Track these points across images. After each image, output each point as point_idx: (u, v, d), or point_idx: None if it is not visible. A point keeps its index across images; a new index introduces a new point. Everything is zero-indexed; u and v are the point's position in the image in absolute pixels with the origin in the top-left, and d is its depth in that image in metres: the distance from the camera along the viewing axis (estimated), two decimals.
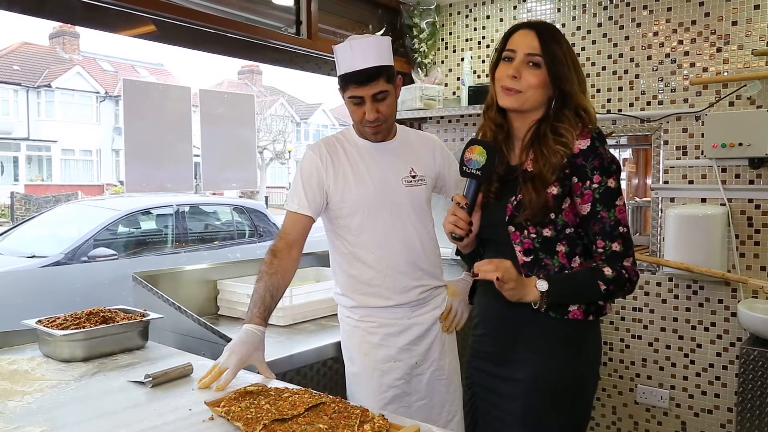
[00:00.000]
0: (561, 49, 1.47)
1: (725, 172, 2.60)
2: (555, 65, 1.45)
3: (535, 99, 1.47)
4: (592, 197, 1.43)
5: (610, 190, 1.43)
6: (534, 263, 1.47)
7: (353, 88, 1.74)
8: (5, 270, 4.72)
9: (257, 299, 1.66)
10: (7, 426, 1.29)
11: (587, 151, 1.43)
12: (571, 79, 1.47)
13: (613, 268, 1.42)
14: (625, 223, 1.44)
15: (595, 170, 1.43)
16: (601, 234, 1.43)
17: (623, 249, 1.43)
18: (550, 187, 1.44)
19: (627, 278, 1.43)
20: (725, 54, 2.59)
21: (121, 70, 23.10)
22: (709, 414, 2.70)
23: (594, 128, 1.47)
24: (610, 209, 1.43)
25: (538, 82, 1.46)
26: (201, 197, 6.51)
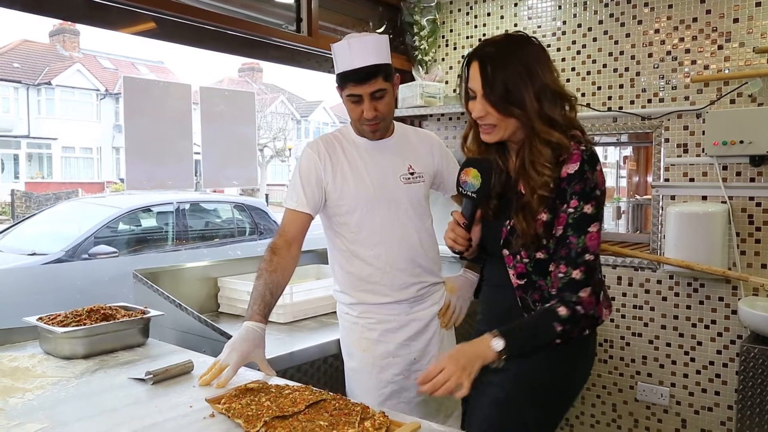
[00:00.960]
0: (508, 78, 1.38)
1: (726, 170, 2.60)
2: (502, 105, 1.39)
3: (511, 128, 1.43)
4: (566, 221, 1.40)
5: (584, 216, 1.39)
6: (528, 285, 1.47)
7: (351, 86, 1.74)
8: (6, 267, 4.72)
9: (257, 296, 1.67)
10: (9, 423, 1.29)
11: (573, 176, 1.39)
12: (528, 105, 1.39)
13: (567, 306, 1.37)
14: (593, 251, 1.39)
15: (575, 195, 1.39)
16: (565, 259, 1.40)
17: (583, 278, 1.38)
18: (540, 214, 1.42)
19: (582, 314, 1.38)
20: (726, 51, 2.58)
21: (122, 68, 23.10)
22: (710, 411, 2.70)
23: (586, 150, 1.41)
24: (580, 235, 1.39)
25: (502, 118, 1.41)
26: (201, 195, 6.50)
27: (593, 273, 1.40)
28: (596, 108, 2.88)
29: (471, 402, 1.59)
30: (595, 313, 1.44)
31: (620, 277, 2.89)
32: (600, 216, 1.41)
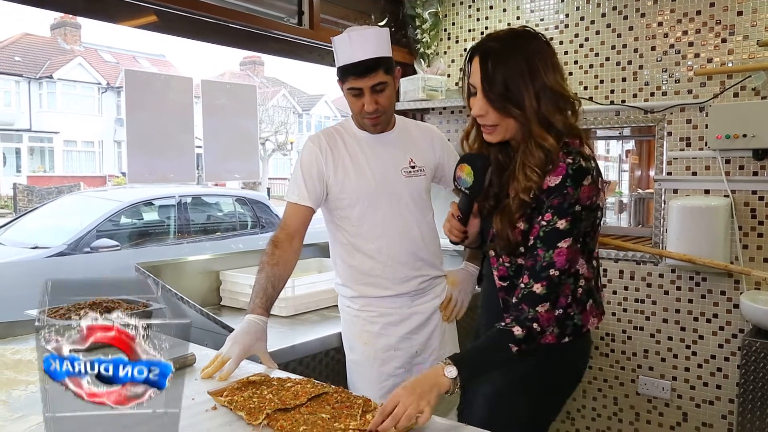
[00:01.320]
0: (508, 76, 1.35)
1: (729, 164, 2.59)
2: (501, 104, 1.36)
3: (512, 128, 1.40)
4: (537, 233, 1.36)
5: (556, 231, 1.34)
6: (510, 288, 1.46)
7: (352, 79, 1.73)
8: (9, 261, 4.73)
9: (259, 290, 1.67)
10: (12, 415, 1.30)
11: (553, 189, 1.35)
12: (527, 106, 1.35)
13: (522, 325, 1.33)
14: (560, 267, 1.34)
15: (550, 209, 1.34)
16: (529, 270, 1.36)
17: (544, 293, 1.34)
18: (518, 222, 1.39)
19: (538, 332, 1.34)
20: (730, 44, 2.57)
21: (123, 61, 23.09)
22: (711, 405, 2.71)
23: (573, 163, 1.34)
24: (548, 250, 1.34)
25: (502, 117, 1.38)
26: (203, 188, 6.52)
27: (556, 289, 1.36)
28: (599, 101, 2.87)
29: (463, 397, 1.59)
30: (580, 321, 1.43)
31: (622, 270, 2.88)
32: (574, 232, 1.35)
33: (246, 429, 1.22)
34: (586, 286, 1.44)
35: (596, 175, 1.38)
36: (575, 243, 1.36)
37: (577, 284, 1.43)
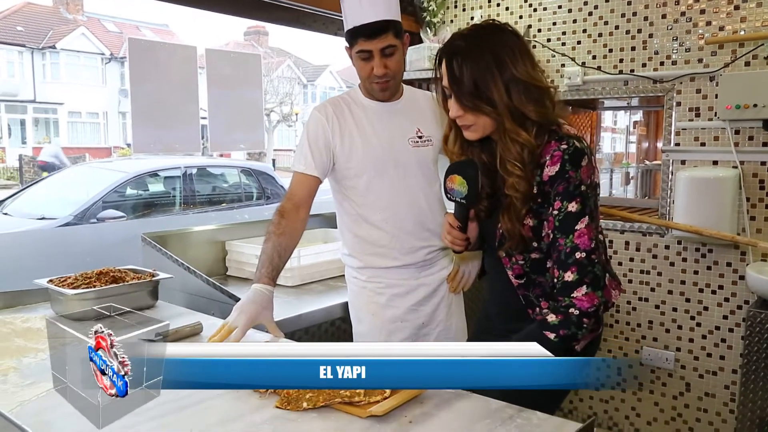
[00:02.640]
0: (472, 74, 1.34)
1: (738, 134, 2.57)
2: (470, 103, 1.36)
3: (489, 125, 1.39)
4: (553, 224, 1.36)
5: (570, 215, 1.34)
6: (528, 284, 1.45)
7: (362, 41, 1.71)
8: (16, 231, 4.76)
9: (265, 259, 1.67)
10: (23, 381, 1.32)
11: (555, 177, 1.34)
12: (497, 108, 1.34)
13: (556, 312, 1.33)
14: (584, 248, 1.33)
15: (558, 196, 1.34)
16: (557, 263, 1.36)
17: (576, 278, 1.33)
18: (526, 219, 1.39)
19: (577, 315, 1.32)
20: (743, 12, 2.52)
21: (126, 31, 22.90)
22: (714, 375, 2.72)
23: (568, 147, 1.34)
24: (567, 235, 1.34)
25: (475, 117, 1.38)
26: (208, 159, 6.51)
27: (587, 271, 1.34)
28: (607, 71, 2.83)
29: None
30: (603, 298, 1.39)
31: (628, 242, 2.88)
32: (587, 210, 1.35)
33: (252, 396, 1.23)
34: (604, 259, 1.43)
35: (590, 154, 1.38)
36: (591, 221, 1.35)
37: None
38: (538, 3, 3.01)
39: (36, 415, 1.17)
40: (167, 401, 1.17)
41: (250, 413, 1.17)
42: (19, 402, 1.22)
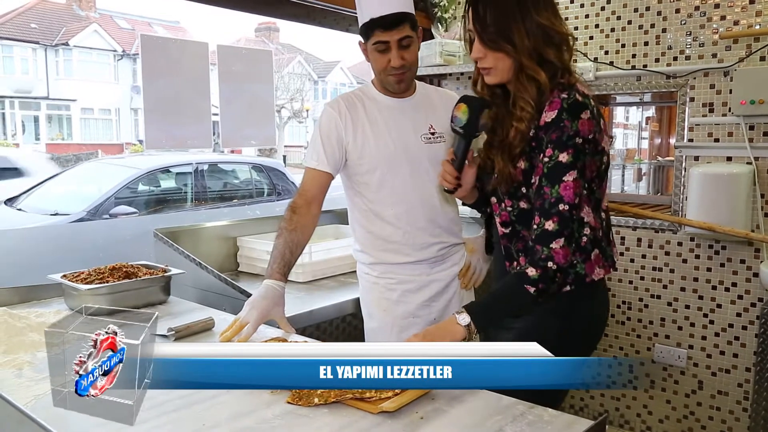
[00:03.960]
0: (498, 13, 1.38)
1: (753, 130, 2.54)
2: (493, 40, 1.38)
3: (508, 69, 1.41)
4: (541, 171, 1.36)
5: (559, 165, 1.33)
6: (512, 234, 1.46)
7: (379, 33, 1.71)
8: (30, 227, 4.81)
9: (277, 255, 1.68)
10: (37, 375, 1.33)
11: (550, 124, 1.35)
12: (519, 41, 1.37)
13: (536, 265, 1.33)
14: (568, 201, 1.33)
15: (550, 143, 1.34)
16: (539, 210, 1.36)
17: (557, 228, 1.33)
18: (519, 161, 1.40)
19: (554, 270, 1.32)
20: (758, 6, 2.49)
21: (138, 28, 23.03)
22: (727, 374, 2.70)
23: (568, 97, 1.35)
24: (554, 185, 1.33)
25: (495, 58, 1.40)
26: (219, 156, 6.54)
27: (569, 224, 1.34)
28: (619, 66, 2.81)
29: None
30: (582, 270, 1.40)
31: (640, 238, 2.86)
32: (578, 165, 1.34)
33: (263, 392, 1.24)
34: (592, 235, 1.41)
35: (597, 114, 1.38)
36: (581, 177, 1.35)
37: (581, 232, 1.40)
38: None
39: (51, 409, 1.17)
40: (178, 397, 1.18)
41: (262, 408, 1.18)
42: (35, 396, 1.23)
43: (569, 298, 1.44)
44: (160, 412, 1.12)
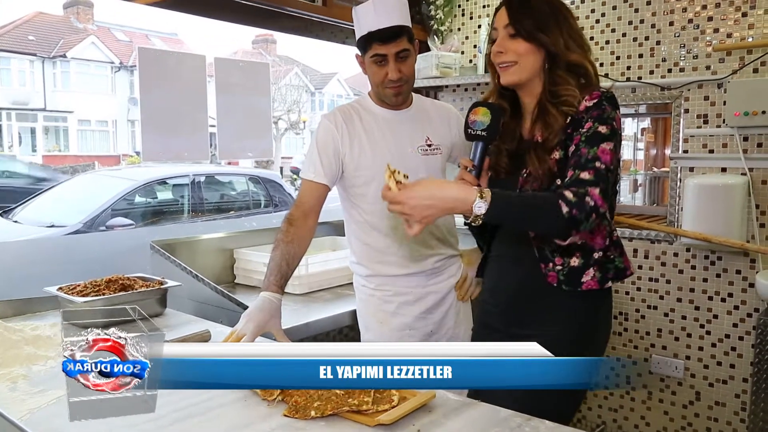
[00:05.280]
0: (534, 11, 1.41)
1: (747, 141, 2.55)
2: (529, 30, 1.40)
3: (531, 66, 1.42)
4: (578, 140, 1.34)
5: (598, 133, 1.33)
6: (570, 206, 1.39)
7: (377, 45, 1.73)
8: (26, 239, 4.79)
9: (274, 267, 1.68)
10: (32, 389, 1.33)
11: (591, 107, 1.36)
12: (554, 38, 1.40)
13: (574, 192, 1.26)
14: (605, 162, 1.30)
15: (591, 119, 1.35)
16: (575, 165, 1.32)
17: (593, 179, 1.28)
18: (553, 152, 1.38)
19: (591, 206, 1.25)
20: (751, 19, 2.52)
21: (135, 40, 23.09)
22: (724, 384, 2.70)
23: (606, 91, 1.39)
24: (591, 147, 1.32)
25: (525, 49, 1.40)
26: (216, 167, 6.55)
27: (605, 179, 1.29)
28: (614, 78, 2.83)
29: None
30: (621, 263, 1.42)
31: (636, 249, 2.87)
32: (615, 140, 1.34)
33: (261, 405, 1.24)
34: (616, 231, 1.44)
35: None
36: (616, 152, 1.35)
37: (611, 226, 1.42)
38: None
39: (46, 423, 1.17)
40: (174, 410, 1.18)
41: (258, 421, 1.17)
42: (29, 410, 1.23)
43: (610, 293, 1.46)
44: (156, 426, 1.12)
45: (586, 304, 1.44)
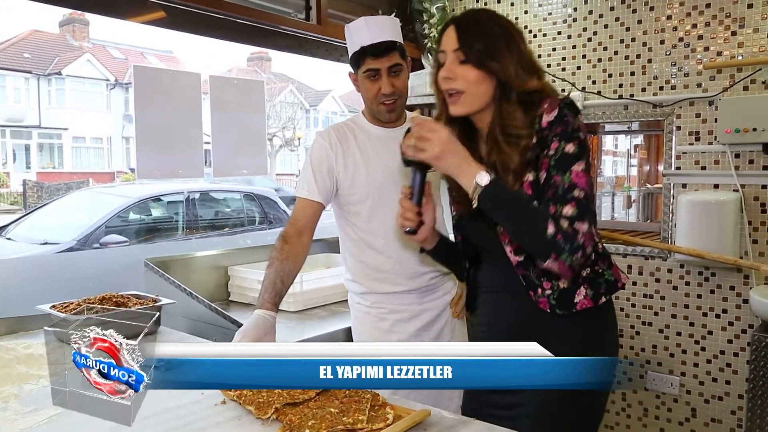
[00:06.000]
0: (485, 35, 1.33)
1: (738, 158, 2.58)
2: (479, 57, 1.31)
3: (482, 96, 1.33)
4: (548, 164, 1.29)
5: (567, 155, 1.27)
6: (528, 261, 1.36)
7: (370, 60, 1.74)
8: (19, 256, 4.77)
9: (268, 285, 1.67)
10: (24, 408, 1.31)
11: (553, 121, 1.30)
12: (505, 65, 1.31)
13: (566, 226, 1.23)
14: (583, 188, 1.26)
15: (555, 137, 1.28)
16: (554, 199, 1.27)
17: (577, 212, 1.23)
18: (525, 174, 1.32)
19: (579, 243, 1.22)
20: (740, 38, 2.55)
21: (131, 57, 23.16)
22: (720, 401, 2.70)
23: (564, 99, 1.32)
24: (564, 173, 1.26)
25: (475, 77, 1.32)
26: (211, 184, 6.54)
27: (588, 211, 1.26)
28: (607, 95, 2.86)
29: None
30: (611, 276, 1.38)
31: (630, 265, 2.88)
32: (584, 157, 1.29)
33: (255, 423, 1.23)
34: (601, 242, 1.40)
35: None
36: (587, 170, 1.30)
37: (595, 239, 1.34)
38: (538, 29, 3.05)
39: None
40: (169, 429, 1.17)
41: None
42: (21, 429, 1.21)
43: (607, 308, 1.41)
44: None
45: (585, 324, 1.38)
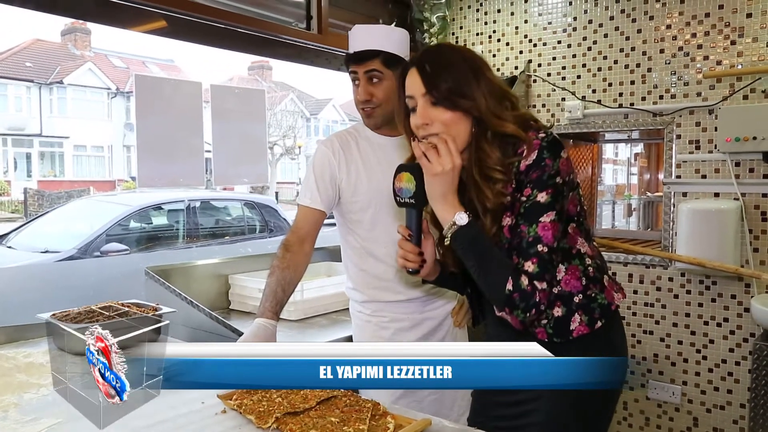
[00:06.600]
0: (453, 71, 1.29)
1: (739, 167, 2.58)
2: (449, 97, 1.27)
3: (462, 134, 1.29)
4: (518, 210, 1.27)
5: (536, 204, 1.25)
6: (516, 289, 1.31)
7: (351, 65, 1.79)
8: (20, 265, 4.77)
9: (269, 293, 1.67)
10: (24, 417, 1.31)
11: (531, 165, 1.26)
12: (477, 99, 1.28)
13: (525, 285, 1.23)
14: (547, 242, 1.24)
15: (530, 183, 1.26)
16: (517, 249, 1.26)
17: (538, 270, 1.23)
18: (504, 218, 1.30)
19: (534, 302, 1.22)
20: (739, 47, 2.56)
21: (132, 66, 23.25)
22: (722, 410, 2.69)
23: (546, 137, 1.28)
24: (531, 224, 1.25)
25: (451, 119, 1.28)
26: (212, 192, 6.55)
27: (549, 266, 1.25)
28: (607, 104, 2.87)
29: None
30: (604, 300, 1.35)
31: (631, 274, 2.87)
32: (557, 207, 1.26)
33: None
34: (594, 263, 1.37)
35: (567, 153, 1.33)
36: (559, 219, 1.27)
37: (584, 264, 1.35)
38: (538, 39, 3.06)
39: None
40: None
41: None
42: None
43: (605, 331, 1.36)
44: None
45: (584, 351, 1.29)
